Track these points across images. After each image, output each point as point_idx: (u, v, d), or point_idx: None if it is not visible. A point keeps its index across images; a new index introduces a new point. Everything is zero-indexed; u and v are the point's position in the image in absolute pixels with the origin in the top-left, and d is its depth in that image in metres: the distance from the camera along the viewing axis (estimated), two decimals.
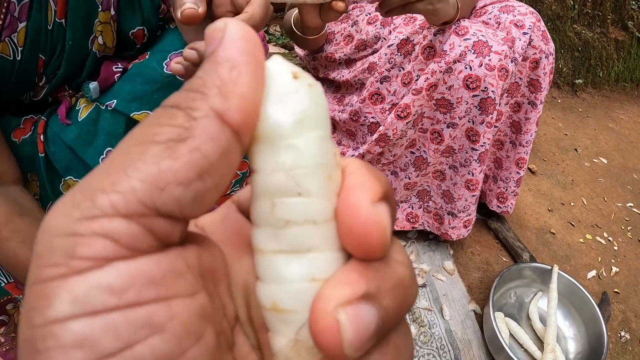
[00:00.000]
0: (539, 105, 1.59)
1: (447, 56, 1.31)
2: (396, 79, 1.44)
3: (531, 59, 1.49)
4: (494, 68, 1.32)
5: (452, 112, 1.37)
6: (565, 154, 2.90)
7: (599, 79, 4.02)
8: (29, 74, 1.07)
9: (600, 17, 4.16)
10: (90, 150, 1.07)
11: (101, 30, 1.08)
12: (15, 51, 1.03)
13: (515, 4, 1.53)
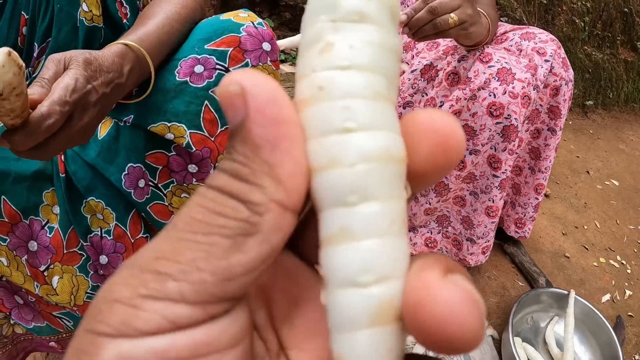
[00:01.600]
0: (558, 132, 1.60)
1: (471, 83, 1.32)
2: (419, 104, 1.44)
3: (552, 86, 1.49)
4: (517, 96, 1.32)
5: (475, 139, 1.38)
6: (578, 176, 2.90)
7: (609, 100, 4.03)
8: (10, 30, 1.06)
9: (610, 38, 4.18)
10: (112, 168, 1.06)
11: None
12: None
13: (535, 31, 1.54)
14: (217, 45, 1.01)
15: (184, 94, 1.01)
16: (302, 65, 0.23)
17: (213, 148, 1.05)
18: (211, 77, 1.01)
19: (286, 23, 2.83)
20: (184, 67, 1.00)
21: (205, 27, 1.06)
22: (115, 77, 0.85)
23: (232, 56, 1.01)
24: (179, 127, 1.01)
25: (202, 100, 1.01)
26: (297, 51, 1.16)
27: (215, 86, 1.01)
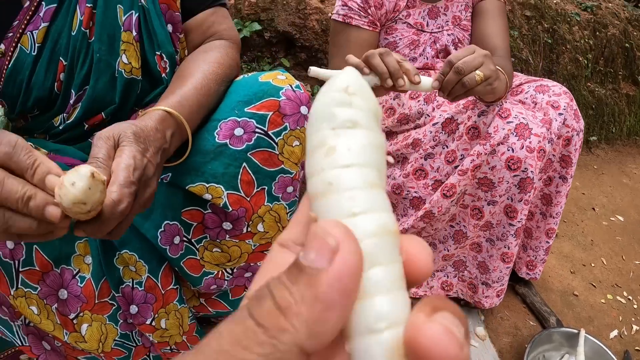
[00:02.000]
0: (569, 180, 1.66)
1: (491, 139, 1.39)
2: (440, 156, 1.51)
3: (564, 137, 1.56)
4: (534, 150, 1.39)
5: (493, 191, 1.44)
6: (584, 213, 2.96)
7: (612, 134, 4.10)
8: (48, 75, 1.12)
9: (612, 73, 4.27)
10: (147, 223, 1.10)
11: (124, 49, 1.14)
12: (32, 46, 1.10)
13: (549, 84, 1.61)
14: (257, 108, 1.07)
15: (223, 156, 1.06)
16: (312, 164, 0.30)
17: (248, 208, 1.10)
18: (250, 140, 1.06)
19: (301, 63, 2.90)
20: (223, 129, 1.06)
21: (245, 88, 1.11)
22: (162, 144, 0.91)
23: (272, 120, 1.07)
24: (217, 188, 1.06)
25: (241, 162, 1.07)
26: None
27: (254, 149, 1.06)
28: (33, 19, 1.10)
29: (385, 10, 1.70)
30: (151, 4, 1.15)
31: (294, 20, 2.77)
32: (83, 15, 1.11)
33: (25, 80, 1.11)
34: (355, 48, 1.67)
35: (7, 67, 1.10)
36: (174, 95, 1.01)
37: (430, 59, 1.77)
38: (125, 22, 1.12)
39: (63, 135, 1.20)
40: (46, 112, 1.18)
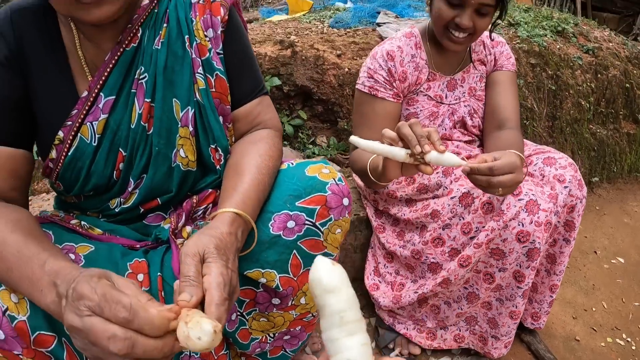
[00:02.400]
0: (572, 242, 1.83)
1: (504, 215, 1.55)
2: (456, 226, 1.67)
3: (569, 205, 1.73)
4: (542, 224, 1.55)
5: (504, 259, 1.60)
6: (586, 257, 3.11)
7: (613, 173, 4.25)
8: (107, 164, 1.24)
9: (613, 114, 4.43)
10: None
11: (182, 144, 1.27)
12: (93, 137, 1.22)
13: (556, 156, 1.78)
14: (306, 203, 1.22)
15: (277, 246, 1.21)
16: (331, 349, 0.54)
17: (295, 286, 1.26)
18: (301, 230, 1.21)
19: (318, 115, 3.05)
20: (277, 221, 1.20)
21: (293, 180, 1.25)
22: (236, 246, 1.05)
23: (319, 213, 1.22)
24: (271, 272, 1.22)
25: (292, 250, 1.22)
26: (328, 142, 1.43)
27: (304, 237, 1.22)
28: (92, 109, 1.21)
29: (408, 83, 1.87)
30: (206, 100, 1.27)
31: (312, 75, 2.94)
32: (142, 109, 1.22)
33: (85, 167, 1.22)
34: (380, 118, 1.84)
35: (67, 154, 1.21)
36: (236, 192, 1.14)
37: (449, 130, 1.95)
38: (182, 118, 1.25)
39: (118, 216, 1.32)
40: (103, 195, 1.30)
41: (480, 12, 1.68)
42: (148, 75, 1.23)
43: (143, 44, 1.24)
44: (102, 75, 1.21)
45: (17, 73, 1.15)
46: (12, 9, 1.17)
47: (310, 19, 4.31)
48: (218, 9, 1.29)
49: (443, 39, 1.79)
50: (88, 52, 1.22)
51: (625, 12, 10.35)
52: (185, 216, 1.32)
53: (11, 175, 1.16)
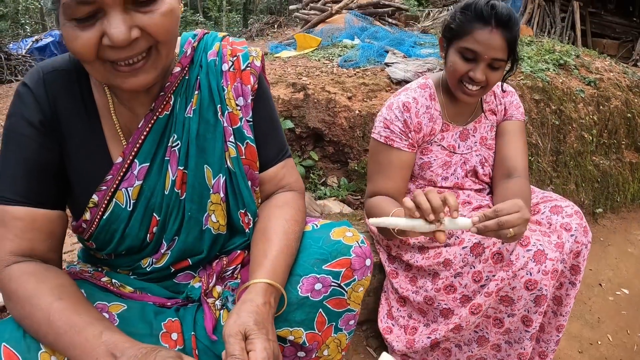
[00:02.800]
0: (577, 284, 1.91)
1: (513, 266, 1.64)
2: (467, 275, 1.76)
3: (575, 251, 1.82)
4: (549, 272, 1.64)
5: (513, 306, 1.69)
6: (591, 290, 3.19)
7: (617, 203, 4.34)
8: (141, 227, 1.29)
9: (616, 144, 4.53)
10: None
11: (214, 210, 1.33)
12: (128, 202, 1.25)
13: (562, 204, 1.88)
14: (333, 266, 1.30)
15: (305, 306, 1.30)
16: None
17: (320, 340, 1.35)
18: (327, 292, 1.30)
19: (328, 156, 3.16)
20: (305, 284, 1.29)
21: (320, 246, 1.33)
22: (271, 313, 1.15)
23: (345, 275, 1.31)
24: (298, 330, 1.31)
25: (318, 308, 1.31)
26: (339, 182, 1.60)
27: (329, 297, 1.31)
28: (127, 176, 1.25)
29: (422, 134, 1.98)
30: (237, 167, 1.32)
31: (323, 118, 3.06)
32: (175, 177, 1.28)
33: (120, 230, 1.26)
34: (395, 167, 1.95)
35: (101, 217, 1.25)
36: (266, 260, 1.23)
37: (461, 178, 2.06)
38: (214, 185, 1.31)
39: (149, 275, 1.37)
40: (135, 254, 1.35)
41: (492, 66, 1.80)
42: (181, 143, 1.29)
43: (175, 111, 1.29)
44: (136, 142, 1.25)
45: (51, 137, 1.18)
46: (44, 70, 1.20)
47: (319, 57, 4.44)
48: (248, 77, 1.35)
49: (457, 91, 1.90)
50: (122, 117, 1.26)
51: (625, 37, 10.51)
52: (216, 276, 1.39)
53: (49, 237, 1.19)
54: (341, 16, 6.52)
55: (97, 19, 1.01)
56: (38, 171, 1.16)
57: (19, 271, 1.12)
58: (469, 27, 1.79)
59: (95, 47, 1.02)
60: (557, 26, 9.99)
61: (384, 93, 3.37)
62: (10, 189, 1.15)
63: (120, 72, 1.08)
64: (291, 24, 16.13)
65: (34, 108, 1.17)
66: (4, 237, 1.14)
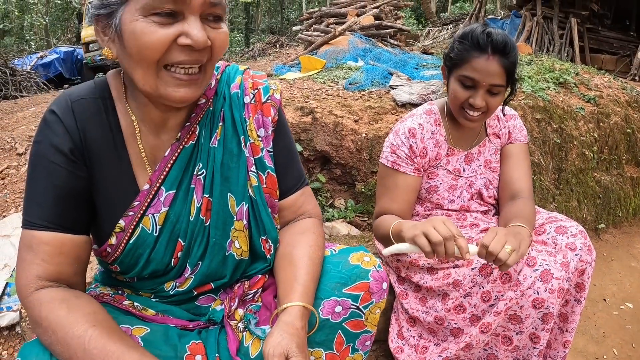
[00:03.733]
0: (582, 301, 1.98)
1: (521, 285, 1.72)
2: (476, 295, 1.83)
3: (579, 269, 1.89)
4: (555, 291, 1.71)
5: (521, 324, 1.76)
6: (596, 305, 3.24)
7: (619, 218, 4.39)
8: (166, 252, 1.32)
9: (616, 160, 4.59)
10: None
11: (237, 236, 1.38)
12: (154, 228, 1.30)
13: (567, 224, 1.95)
14: (352, 290, 1.38)
15: (325, 328, 1.37)
16: None
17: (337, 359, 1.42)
18: (346, 314, 1.38)
19: (336, 178, 3.23)
20: (326, 306, 1.37)
21: (340, 270, 1.41)
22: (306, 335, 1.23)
23: (363, 298, 1.38)
24: (318, 350, 1.39)
25: (337, 330, 1.38)
26: (346, 204, 1.73)
27: (348, 319, 1.38)
28: (154, 202, 1.30)
29: (428, 159, 2.06)
30: (258, 196, 1.39)
31: (331, 141, 3.14)
32: (201, 204, 1.33)
33: (145, 255, 1.31)
34: (402, 191, 2.03)
35: (127, 242, 1.29)
36: (297, 284, 1.31)
37: (467, 201, 2.14)
38: (237, 212, 1.37)
39: (171, 298, 1.41)
40: (159, 278, 1.39)
41: (491, 92, 1.88)
42: (206, 172, 1.35)
43: (200, 141, 1.35)
44: (163, 170, 1.30)
45: (81, 165, 1.22)
46: (71, 99, 1.24)
47: (324, 79, 4.53)
48: (269, 109, 1.43)
49: (459, 117, 1.98)
50: (147, 144, 1.31)
51: (622, 52, 10.61)
52: (238, 300, 1.44)
53: (75, 261, 1.23)
54: (345, 38, 6.62)
55: (176, 20, 1.09)
56: (66, 197, 1.20)
57: (49, 297, 1.15)
58: (467, 56, 1.87)
59: (168, 44, 1.09)
60: (556, 43, 10.12)
61: (390, 116, 3.46)
62: (39, 214, 1.18)
63: (175, 80, 1.14)
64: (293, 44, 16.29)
65: (64, 136, 1.20)
66: (32, 262, 1.17)
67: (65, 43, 21.70)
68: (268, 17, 34.39)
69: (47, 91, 10.02)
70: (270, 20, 34.12)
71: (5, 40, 23.47)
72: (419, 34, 13.90)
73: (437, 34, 15.05)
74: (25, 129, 4.14)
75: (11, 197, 2.98)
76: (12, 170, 3.27)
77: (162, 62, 1.12)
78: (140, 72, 1.13)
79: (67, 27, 27.72)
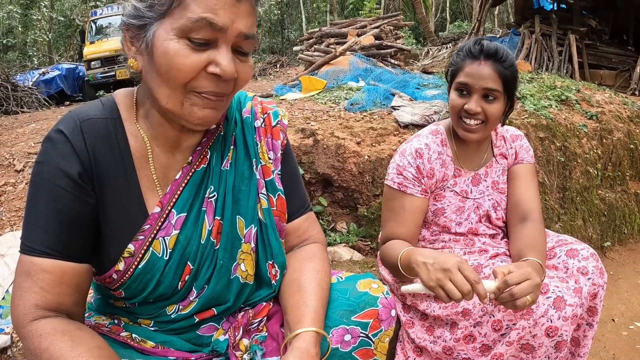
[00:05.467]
0: (594, 325, 1.94)
1: (534, 314, 1.67)
2: (487, 324, 1.79)
3: (592, 293, 1.85)
4: (569, 318, 1.67)
5: (534, 353, 1.72)
6: (605, 326, 3.20)
7: (624, 235, 4.37)
8: (175, 276, 1.28)
9: (620, 176, 4.58)
10: None
11: (243, 259, 1.37)
12: (164, 251, 1.26)
13: (578, 247, 1.92)
14: (361, 317, 1.36)
15: (334, 357, 1.35)
16: None
17: None
18: (355, 342, 1.35)
19: (337, 202, 3.21)
20: (335, 335, 1.35)
21: (348, 297, 1.39)
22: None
23: (372, 325, 1.36)
24: None
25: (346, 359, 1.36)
26: (348, 227, 1.69)
27: (358, 348, 1.36)
28: (164, 225, 1.26)
29: (435, 180, 2.02)
30: (268, 218, 1.38)
31: (333, 163, 3.11)
32: (212, 226, 1.31)
33: (155, 279, 1.26)
34: (409, 213, 1.99)
35: (137, 267, 1.24)
36: (308, 310, 1.29)
37: (475, 223, 2.09)
38: (246, 235, 1.35)
39: (172, 324, 1.36)
40: (162, 302, 1.33)
41: (487, 97, 1.88)
42: (217, 194, 1.34)
43: (212, 164, 1.34)
44: (174, 193, 1.28)
45: (89, 190, 1.17)
46: (80, 119, 1.19)
47: (325, 100, 4.53)
48: (278, 133, 1.45)
49: (459, 128, 1.96)
50: (160, 165, 1.29)
51: (621, 67, 10.63)
52: (242, 329, 1.39)
53: (76, 291, 1.18)
54: (345, 58, 6.63)
55: (209, 47, 1.10)
56: (70, 224, 1.15)
57: (49, 328, 1.11)
58: (461, 64, 1.91)
59: (199, 70, 1.10)
60: (555, 60, 10.14)
61: (392, 137, 3.44)
62: (40, 240, 1.13)
63: (203, 101, 1.14)
64: (293, 64, 16.38)
65: (72, 159, 1.15)
66: (30, 290, 1.12)
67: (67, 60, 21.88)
68: (269, 37, 34.68)
69: (48, 107, 10.09)
70: (271, 40, 34.40)
71: (9, 56, 23.71)
72: (419, 53, 13.96)
73: (436, 53, 15.10)
74: (25, 145, 4.13)
75: (7, 215, 2.95)
76: (9, 188, 3.24)
77: (189, 87, 1.12)
78: (167, 91, 1.12)
79: (70, 44, 28.04)
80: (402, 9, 19.01)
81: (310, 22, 29.22)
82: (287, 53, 21.39)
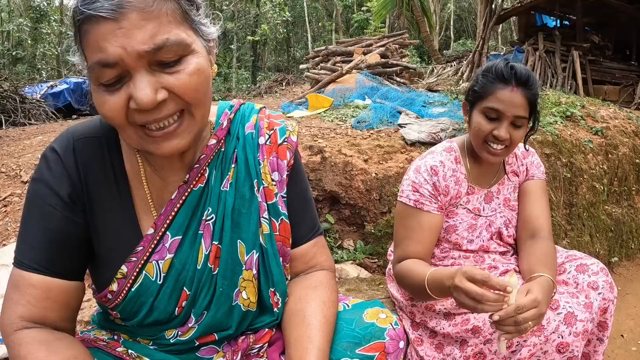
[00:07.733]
0: (605, 340, 1.94)
1: (545, 330, 1.68)
2: (497, 340, 1.80)
3: (602, 308, 1.86)
4: (580, 334, 1.68)
5: None
6: (614, 342, 3.18)
7: (632, 250, 4.36)
8: (170, 301, 1.23)
9: (626, 191, 4.59)
10: None
11: (245, 286, 1.28)
12: (158, 275, 1.21)
13: (587, 262, 1.93)
14: (366, 350, 1.28)
15: None
16: None
17: None
18: None
19: (345, 219, 3.21)
20: None
21: (353, 328, 1.33)
22: None
23: (378, 359, 1.29)
24: None
25: None
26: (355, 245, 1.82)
27: None
28: (158, 248, 1.22)
29: (450, 197, 2.02)
30: (269, 244, 1.29)
31: (340, 181, 3.13)
32: (209, 251, 1.24)
33: (148, 303, 1.22)
34: (425, 231, 1.98)
35: (130, 289, 1.21)
36: (312, 346, 1.22)
37: (486, 241, 2.10)
38: (247, 261, 1.28)
39: (171, 346, 1.31)
40: (160, 326, 1.29)
41: (515, 124, 1.86)
42: (215, 217, 1.26)
43: (210, 184, 1.26)
44: (169, 214, 1.22)
45: (79, 211, 1.17)
46: (75, 138, 1.18)
47: (332, 117, 4.56)
48: (285, 152, 1.33)
49: (482, 152, 1.95)
50: (153, 186, 1.24)
51: (625, 82, 10.66)
52: (241, 354, 1.33)
53: (62, 307, 1.17)
54: (352, 76, 6.67)
55: (123, 83, 1.01)
56: (59, 242, 1.15)
57: (29, 337, 1.11)
58: (491, 88, 1.86)
59: (124, 111, 1.02)
60: (559, 76, 10.18)
61: (399, 155, 3.46)
62: (29, 255, 1.14)
63: (152, 137, 1.06)
64: (299, 82, 16.46)
65: (63, 179, 1.15)
66: (17, 302, 1.13)
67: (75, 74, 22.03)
68: (275, 55, 34.90)
69: (55, 120, 10.06)
70: (277, 58, 34.60)
71: (18, 68, 23.82)
72: (423, 71, 14.01)
73: (440, 71, 15.16)
74: (31, 157, 4.16)
75: (12, 225, 2.97)
76: (15, 198, 3.27)
77: (134, 124, 1.05)
78: (121, 132, 1.09)
79: None
80: (407, 28, 19.04)
81: (315, 41, 29.39)
82: (293, 71, 21.48)
